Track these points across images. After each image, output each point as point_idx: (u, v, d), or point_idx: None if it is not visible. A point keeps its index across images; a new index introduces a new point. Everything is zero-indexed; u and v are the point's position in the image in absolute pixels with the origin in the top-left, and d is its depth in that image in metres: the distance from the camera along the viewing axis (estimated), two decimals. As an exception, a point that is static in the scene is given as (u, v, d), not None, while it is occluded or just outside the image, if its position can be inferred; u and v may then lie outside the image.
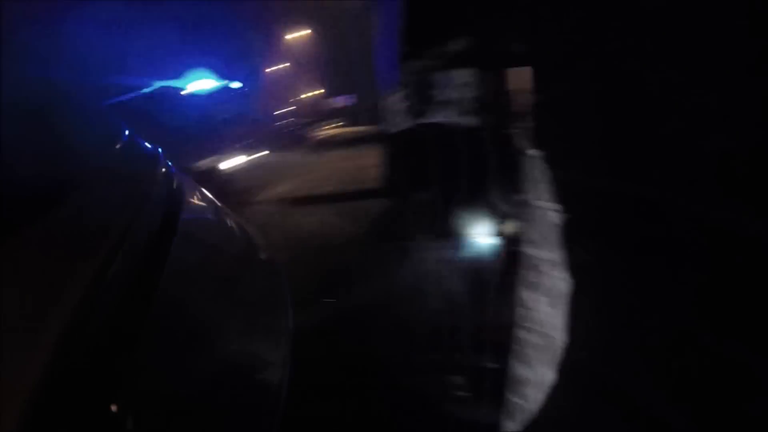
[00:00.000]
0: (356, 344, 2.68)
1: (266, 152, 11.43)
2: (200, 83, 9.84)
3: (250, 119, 11.07)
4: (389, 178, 3.51)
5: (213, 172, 9.22)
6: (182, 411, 0.71)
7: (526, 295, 1.74)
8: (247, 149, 10.56)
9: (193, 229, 1.17)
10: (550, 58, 1.41)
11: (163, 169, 1.28)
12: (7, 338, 0.49)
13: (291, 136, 19.14)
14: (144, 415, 0.59)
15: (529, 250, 1.73)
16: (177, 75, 9.52)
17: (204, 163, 9.18)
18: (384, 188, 6.30)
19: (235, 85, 10.70)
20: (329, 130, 19.20)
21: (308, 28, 26.83)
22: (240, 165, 10.15)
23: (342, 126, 19.51)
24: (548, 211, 1.53)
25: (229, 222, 1.50)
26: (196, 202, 1.37)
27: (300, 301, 1.41)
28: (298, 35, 27.29)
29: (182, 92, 9.39)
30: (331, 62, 25.89)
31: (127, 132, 1.31)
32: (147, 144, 1.43)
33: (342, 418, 2.13)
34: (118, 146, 1.18)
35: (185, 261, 0.96)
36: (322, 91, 26.99)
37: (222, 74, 10.74)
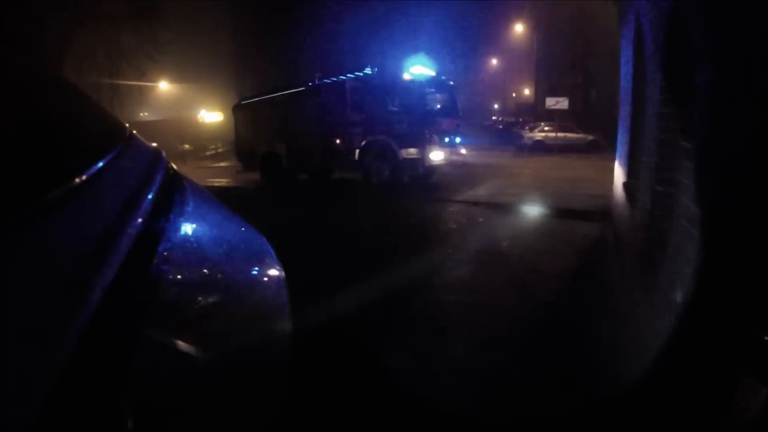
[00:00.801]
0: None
1: (465, 151, 10.85)
2: (418, 69, 9.80)
3: (458, 113, 10.69)
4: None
5: (417, 162, 9.11)
6: (181, 412, 0.69)
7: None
8: (452, 144, 10.23)
9: (194, 228, 1.18)
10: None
11: (164, 169, 1.28)
12: (8, 338, 0.48)
13: (500, 135, 18.56)
14: (144, 416, 0.57)
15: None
16: (399, 62, 9.69)
17: (408, 153, 9.11)
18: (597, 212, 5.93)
19: (443, 77, 10.44)
20: (542, 133, 17.89)
21: (526, 24, 25.84)
22: (443, 159, 9.82)
23: (552, 130, 17.94)
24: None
25: (230, 222, 1.51)
26: (197, 201, 1.35)
27: (300, 301, 1.41)
28: (516, 31, 26.54)
29: (403, 76, 9.46)
30: (546, 61, 24.46)
31: (127, 132, 1.32)
32: (147, 144, 1.45)
33: (342, 418, 2.16)
34: (118, 146, 1.15)
35: (185, 261, 0.98)
36: (532, 91, 25.69)
37: (437, 65, 10.62)
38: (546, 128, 17.78)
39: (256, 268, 1.38)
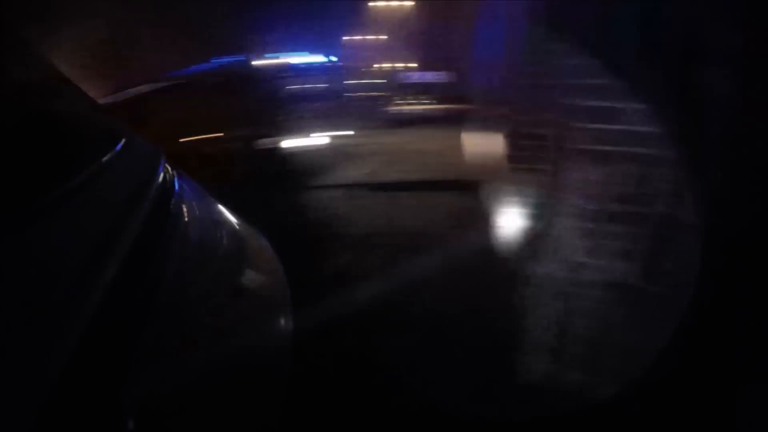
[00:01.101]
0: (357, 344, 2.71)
1: (350, 132, 10.82)
2: (299, 57, 9.51)
3: (338, 94, 10.55)
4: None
5: (283, 150, 8.91)
6: (181, 412, 0.70)
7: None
8: (330, 127, 10.09)
9: (194, 228, 1.18)
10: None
11: (163, 169, 1.28)
12: (8, 338, 0.48)
13: (376, 113, 18.59)
14: (144, 416, 0.58)
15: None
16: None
17: (271, 141, 8.88)
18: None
19: (324, 59, 10.22)
20: (417, 106, 18.12)
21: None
22: (320, 144, 9.67)
23: (431, 103, 18.32)
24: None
25: (230, 221, 1.51)
26: (197, 201, 1.37)
27: (299, 301, 1.39)
28: (397, 5, 26.72)
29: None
30: (428, 37, 24.95)
31: (127, 132, 1.32)
32: (147, 143, 1.45)
33: (342, 418, 2.16)
34: (118, 146, 1.16)
35: (185, 261, 0.98)
36: (416, 65, 26.16)
37: (315, 48, 10.36)
38: (420, 101, 18.14)
39: (256, 266, 1.38)
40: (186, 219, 1.14)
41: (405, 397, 2.28)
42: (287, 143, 8.96)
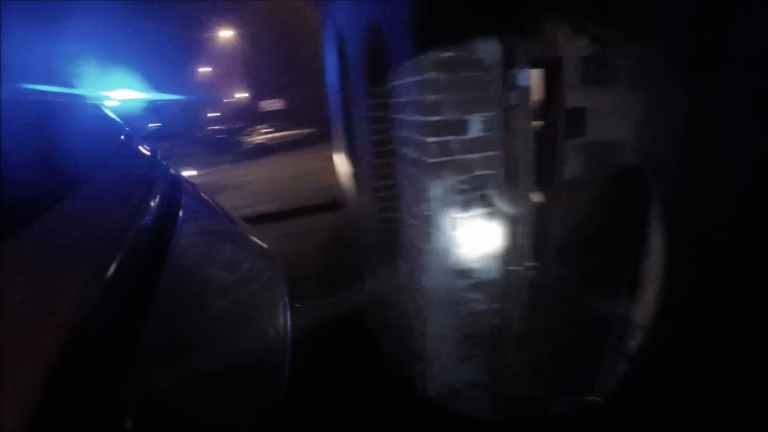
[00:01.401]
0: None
1: (193, 172, 10.23)
2: (123, 93, 8.92)
3: (178, 131, 10.07)
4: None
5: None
6: (180, 411, 0.70)
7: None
8: (179, 165, 9.74)
9: (192, 227, 1.17)
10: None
11: (162, 168, 1.27)
12: (9, 338, 0.49)
13: (223, 145, 18.26)
14: (143, 416, 0.59)
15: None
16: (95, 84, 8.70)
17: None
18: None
19: (163, 97, 9.67)
20: (261, 136, 18.21)
21: (233, 29, 25.89)
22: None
23: (269, 131, 18.52)
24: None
25: (229, 221, 1.51)
26: (195, 201, 1.37)
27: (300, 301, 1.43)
28: (224, 36, 26.24)
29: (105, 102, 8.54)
30: (256, 65, 25.13)
31: (126, 132, 1.31)
32: (147, 143, 1.43)
33: (342, 418, 2.15)
34: (117, 146, 1.18)
35: (184, 260, 0.97)
36: (247, 95, 26.10)
37: (148, 85, 9.78)
38: (263, 131, 18.33)
39: (254, 267, 1.35)
40: (185, 219, 1.12)
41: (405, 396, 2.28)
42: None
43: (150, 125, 9.29)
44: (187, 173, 10.25)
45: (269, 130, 18.19)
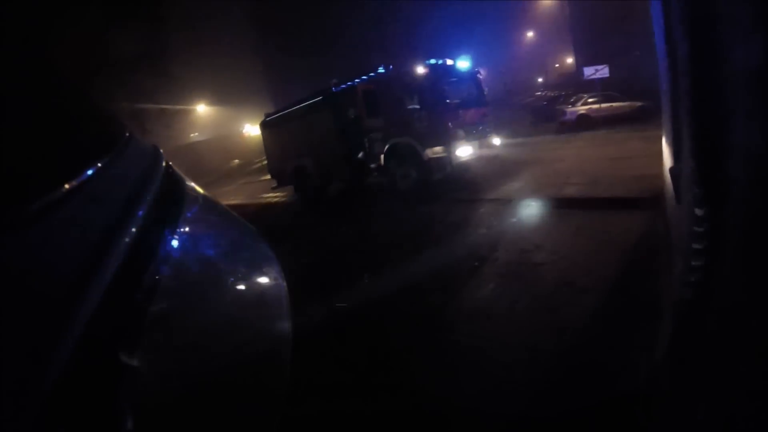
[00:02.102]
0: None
1: (498, 140, 9.89)
2: (435, 61, 9.16)
3: (485, 101, 9.90)
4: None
5: (444, 161, 8.53)
6: (181, 413, 0.70)
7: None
8: (482, 135, 9.51)
9: (194, 229, 1.17)
10: None
11: (163, 169, 1.27)
12: (7, 339, 0.49)
13: (544, 114, 17.35)
14: (143, 416, 0.58)
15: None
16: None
17: (434, 152, 8.56)
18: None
19: (463, 64, 9.67)
20: (586, 106, 16.38)
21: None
22: (472, 154, 9.02)
23: (595, 102, 16.55)
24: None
25: (230, 222, 1.50)
26: (197, 201, 1.34)
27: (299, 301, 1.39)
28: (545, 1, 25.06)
29: (417, 70, 8.86)
30: (583, 28, 22.90)
31: (127, 132, 1.31)
32: (146, 143, 1.45)
33: (342, 418, 2.17)
34: (118, 146, 1.15)
35: (185, 262, 0.98)
36: (572, 60, 24.14)
37: (462, 52, 9.95)
38: (589, 100, 16.28)
39: (255, 269, 1.37)
40: (185, 219, 1.11)
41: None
42: (459, 151, 8.55)
43: (462, 95, 9.13)
44: (503, 140, 9.92)
45: (594, 100, 16.16)
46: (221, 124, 33.74)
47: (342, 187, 11.25)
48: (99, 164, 0.94)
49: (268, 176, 13.09)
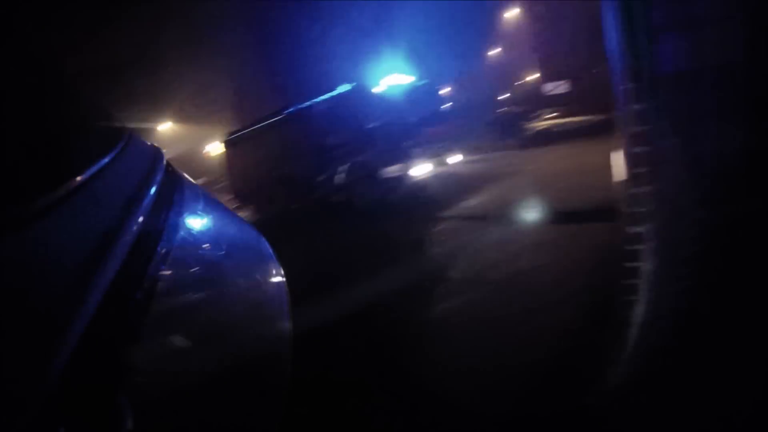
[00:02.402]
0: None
1: (457, 157, 10.12)
2: (394, 79, 9.24)
3: (445, 118, 10.03)
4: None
5: (402, 179, 8.53)
6: (181, 412, 0.69)
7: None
8: (444, 151, 9.55)
9: (194, 228, 1.17)
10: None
11: (164, 169, 1.27)
12: (7, 338, 0.49)
13: (507, 129, 17.61)
14: (143, 416, 0.57)
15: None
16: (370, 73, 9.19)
17: (391, 170, 8.56)
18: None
19: (420, 81, 9.73)
20: (545, 121, 16.67)
21: (518, 7, 24.91)
22: (430, 172, 9.18)
23: (556, 117, 16.90)
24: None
25: (230, 222, 1.49)
26: (198, 202, 1.34)
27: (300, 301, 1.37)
28: (508, 15, 25.59)
29: (374, 89, 8.90)
30: (544, 43, 23.45)
31: (127, 131, 1.31)
32: (147, 143, 1.42)
33: (342, 418, 2.17)
34: (118, 146, 1.14)
35: (185, 261, 0.97)
36: (537, 76, 24.66)
37: (416, 70, 10.06)
38: (551, 115, 16.69)
39: (256, 268, 1.36)
40: (185, 219, 1.11)
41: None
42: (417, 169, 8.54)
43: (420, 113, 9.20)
44: (463, 157, 9.90)
45: (553, 115, 16.46)
46: (182, 143, 33.23)
47: (302, 205, 11.13)
48: (100, 163, 0.94)
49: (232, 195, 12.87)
